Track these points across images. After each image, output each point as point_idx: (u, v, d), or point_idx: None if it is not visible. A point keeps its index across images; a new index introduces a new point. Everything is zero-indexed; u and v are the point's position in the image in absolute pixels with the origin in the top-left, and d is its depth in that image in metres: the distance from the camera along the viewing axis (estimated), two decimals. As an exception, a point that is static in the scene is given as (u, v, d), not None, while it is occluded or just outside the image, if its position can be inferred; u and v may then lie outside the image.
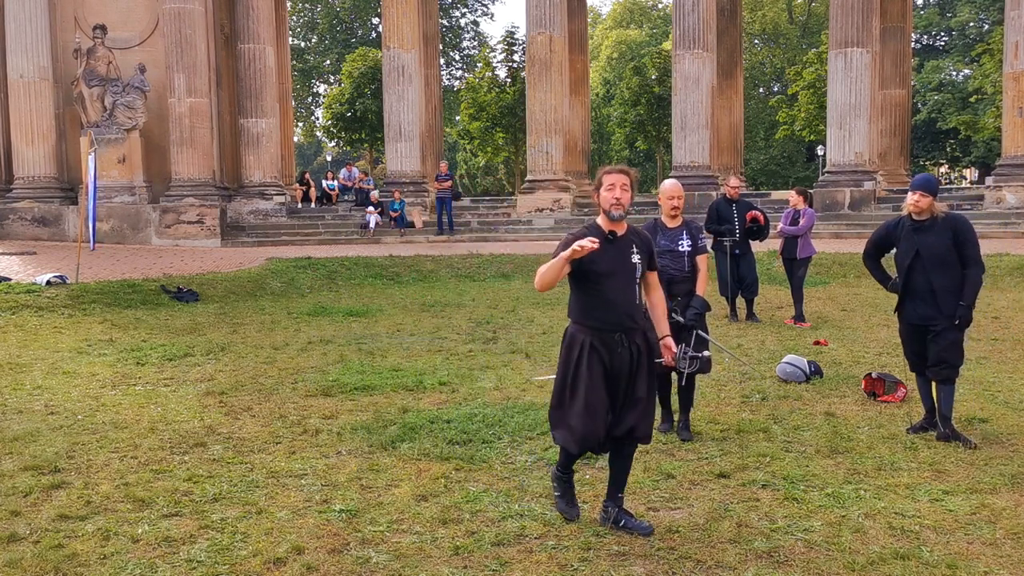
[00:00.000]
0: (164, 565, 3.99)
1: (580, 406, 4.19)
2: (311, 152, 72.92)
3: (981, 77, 35.93)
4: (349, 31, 53.74)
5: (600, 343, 4.19)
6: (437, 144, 29.93)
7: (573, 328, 4.29)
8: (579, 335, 4.24)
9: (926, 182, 5.77)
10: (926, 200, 5.65)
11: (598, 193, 4.25)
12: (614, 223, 4.23)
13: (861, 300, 13.03)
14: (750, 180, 42.92)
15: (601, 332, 4.19)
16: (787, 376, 7.55)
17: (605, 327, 4.19)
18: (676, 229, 6.13)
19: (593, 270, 4.14)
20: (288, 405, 6.93)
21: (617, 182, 4.19)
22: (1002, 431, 5.97)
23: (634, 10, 62.66)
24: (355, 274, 16.66)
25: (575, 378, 4.21)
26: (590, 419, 4.18)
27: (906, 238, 5.78)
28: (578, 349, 4.21)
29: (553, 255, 4.13)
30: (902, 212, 5.90)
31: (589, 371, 4.18)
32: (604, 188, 4.21)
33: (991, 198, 21.40)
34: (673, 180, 6.37)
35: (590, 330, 4.21)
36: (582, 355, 4.19)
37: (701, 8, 23.08)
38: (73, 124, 22.13)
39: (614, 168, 4.29)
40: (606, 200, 4.19)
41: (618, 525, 4.31)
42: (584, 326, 4.24)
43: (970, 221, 5.87)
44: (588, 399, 4.17)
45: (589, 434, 4.20)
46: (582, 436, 4.21)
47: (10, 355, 9.15)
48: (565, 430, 4.27)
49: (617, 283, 4.18)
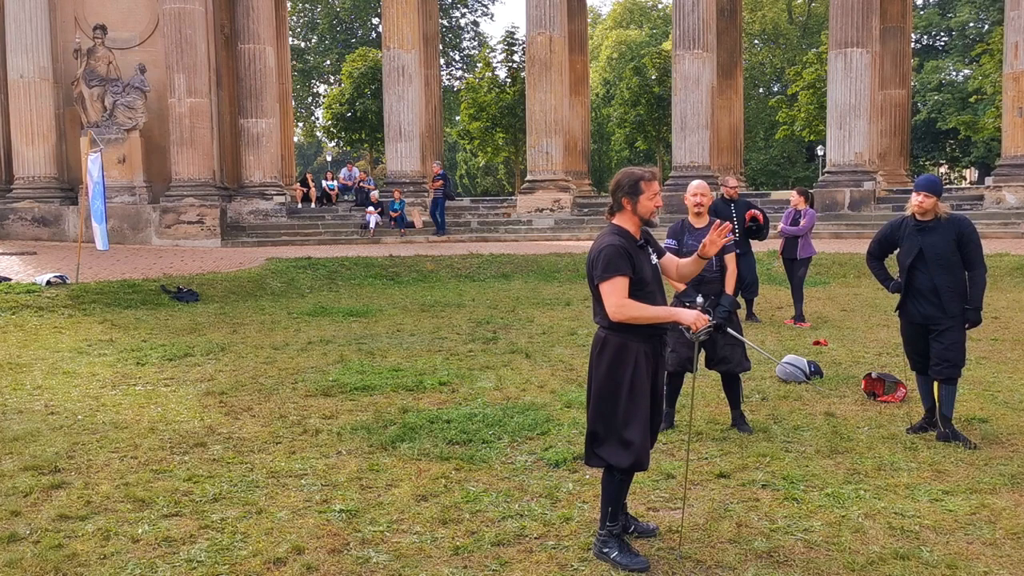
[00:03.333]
0: (164, 565, 3.99)
1: (640, 420, 3.99)
2: (311, 152, 72.93)
3: (981, 77, 35.92)
4: (349, 31, 53.75)
5: (651, 351, 4.06)
6: (437, 144, 29.94)
7: (620, 338, 4.00)
8: (632, 345, 4.00)
9: (930, 183, 5.77)
10: (930, 201, 5.66)
11: (632, 199, 4.04)
12: (638, 228, 4.13)
13: (861, 300, 13.03)
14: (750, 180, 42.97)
15: (651, 339, 4.06)
16: (787, 376, 7.55)
17: (656, 333, 4.07)
18: (703, 229, 6.11)
19: (640, 281, 4.01)
20: (288, 405, 6.93)
21: (656, 190, 4.08)
22: (1002, 431, 5.97)
23: (634, 10, 62.66)
24: (355, 274, 16.66)
25: (632, 391, 3.98)
26: (646, 432, 4.02)
27: (909, 238, 5.79)
28: (632, 362, 3.99)
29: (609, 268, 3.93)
30: (905, 212, 5.91)
31: (644, 384, 4.01)
32: (646, 196, 4.04)
33: (991, 198, 21.40)
34: (698, 179, 6.36)
35: (642, 339, 4.01)
36: (638, 368, 3.99)
37: (701, 8, 23.09)
38: (73, 124, 22.13)
39: (652, 175, 4.11)
40: (648, 208, 4.05)
41: (625, 531, 4.27)
42: (636, 335, 4.00)
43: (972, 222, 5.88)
44: (644, 413, 4.01)
45: (645, 449, 4.01)
46: (640, 450, 3.98)
47: (10, 355, 9.15)
48: (618, 446, 3.99)
49: (655, 289, 4.08)
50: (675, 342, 6.04)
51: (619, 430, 3.99)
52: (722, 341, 6.00)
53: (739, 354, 6.07)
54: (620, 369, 3.99)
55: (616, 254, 3.95)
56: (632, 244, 4.04)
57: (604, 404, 4.03)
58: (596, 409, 4.06)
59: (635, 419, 3.98)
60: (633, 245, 4.04)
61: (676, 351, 6.02)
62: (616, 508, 4.08)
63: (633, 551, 4.02)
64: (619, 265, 3.93)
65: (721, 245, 4.14)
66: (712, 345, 6.04)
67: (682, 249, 6.06)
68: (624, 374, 3.98)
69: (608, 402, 4.02)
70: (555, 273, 16.51)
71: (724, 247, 6.10)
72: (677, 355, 6.01)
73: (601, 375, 4.04)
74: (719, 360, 6.07)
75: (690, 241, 6.08)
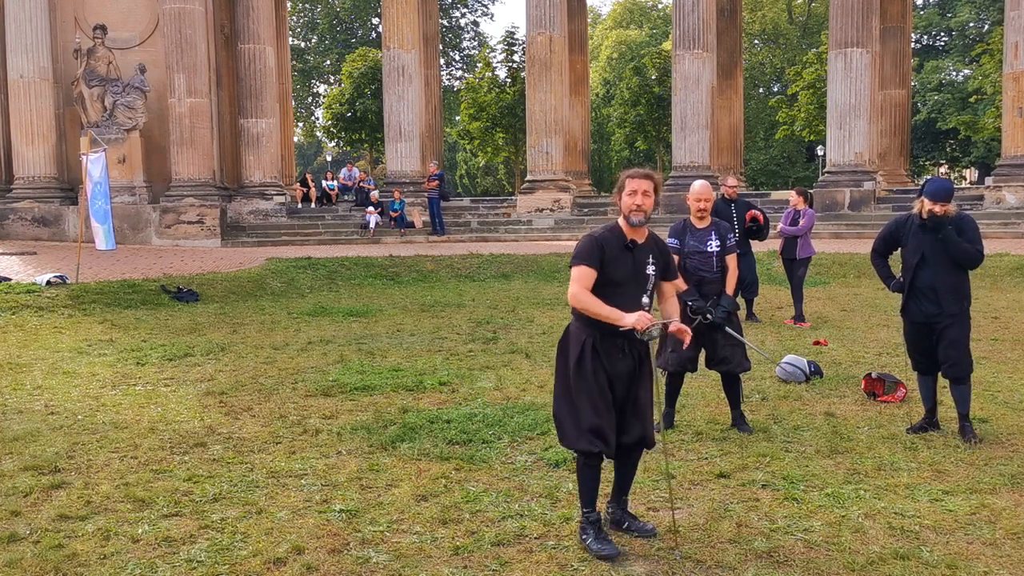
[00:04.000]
0: (164, 565, 3.99)
1: (591, 401, 4.02)
2: (311, 152, 72.91)
3: (981, 77, 35.91)
4: (349, 31, 53.74)
5: (602, 346, 4.05)
6: (437, 144, 29.95)
7: (576, 326, 4.12)
8: (581, 334, 4.08)
9: (947, 191, 5.68)
10: (947, 207, 5.63)
11: (620, 196, 4.09)
12: (634, 230, 4.09)
13: (861, 300, 13.03)
14: (750, 180, 42.95)
15: (604, 336, 4.05)
16: (787, 376, 7.55)
17: (608, 332, 4.04)
18: (705, 230, 6.12)
19: (606, 278, 4.02)
20: (288, 405, 6.93)
21: (639, 187, 4.03)
22: (1002, 431, 5.97)
23: (634, 10, 62.64)
24: (355, 274, 16.66)
25: (579, 374, 4.05)
26: (602, 413, 4.03)
27: (913, 237, 5.79)
28: (579, 348, 4.06)
29: (578, 255, 4.02)
30: (912, 211, 5.89)
31: (594, 371, 4.04)
32: (626, 192, 4.05)
33: (991, 198, 21.40)
34: (702, 181, 6.32)
35: (593, 332, 4.06)
36: (584, 354, 4.05)
37: (701, 8, 23.09)
38: (73, 124, 22.13)
39: (639, 172, 4.11)
40: (627, 205, 4.04)
41: (621, 527, 4.29)
42: (588, 327, 4.06)
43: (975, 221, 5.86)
44: (599, 395, 4.03)
45: (600, 429, 4.01)
46: (597, 428, 4.01)
47: (10, 355, 9.15)
48: (576, 428, 4.06)
49: (628, 292, 4.04)
50: (675, 342, 6.04)
51: (576, 414, 4.07)
52: (722, 341, 6.01)
53: (739, 354, 6.07)
54: (567, 355, 4.13)
55: (588, 245, 4.05)
56: (616, 241, 4.06)
57: (560, 387, 4.18)
58: (555, 392, 4.22)
59: (587, 405, 4.04)
60: (618, 243, 4.06)
61: (676, 351, 6.02)
62: (588, 494, 4.14)
63: (607, 539, 4.10)
64: (585, 256, 4.02)
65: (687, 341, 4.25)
66: (712, 345, 6.04)
67: (684, 249, 6.07)
68: (570, 360, 4.10)
69: (562, 385, 4.16)
70: (555, 273, 16.51)
71: (725, 247, 6.12)
72: (677, 355, 6.02)
73: (558, 359, 4.22)
74: (719, 360, 6.07)
75: (691, 242, 6.08)
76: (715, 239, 6.08)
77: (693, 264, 6.05)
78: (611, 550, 4.02)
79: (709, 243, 6.07)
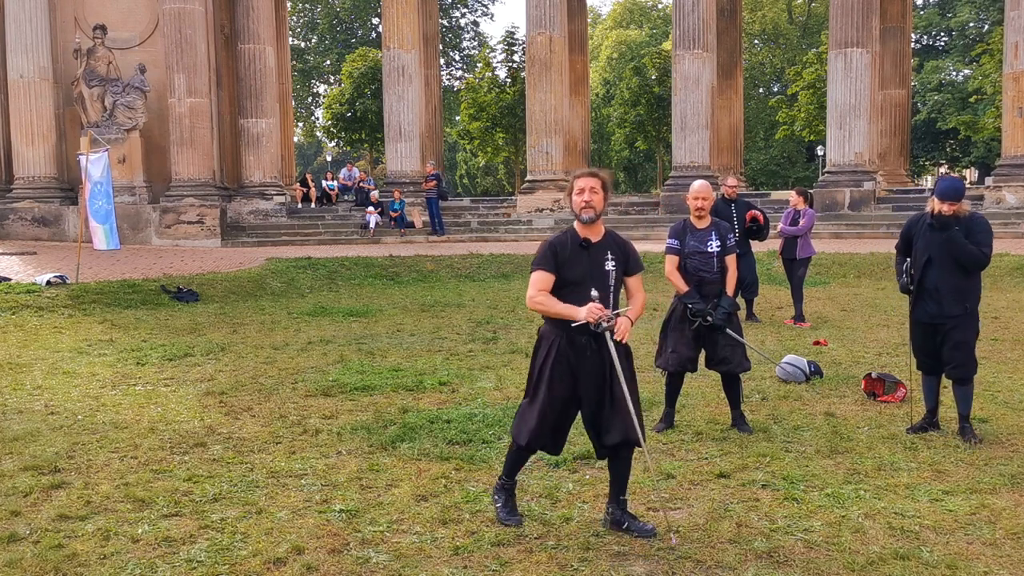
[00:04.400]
0: (164, 565, 3.99)
1: (541, 403, 4.23)
2: (311, 152, 72.91)
3: (981, 77, 35.91)
4: (349, 31, 53.74)
5: (569, 344, 4.19)
6: (437, 144, 29.95)
7: (546, 328, 4.29)
8: (550, 335, 4.25)
9: (955, 191, 5.63)
10: (955, 207, 5.59)
11: (570, 197, 4.25)
12: (588, 228, 4.22)
13: (861, 300, 13.03)
14: (750, 180, 42.91)
15: (571, 334, 4.17)
16: (787, 376, 7.55)
17: (574, 330, 4.15)
18: (705, 230, 6.10)
19: (565, 279, 4.16)
20: (288, 405, 6.93)
21: (587, 185, 4.19)
22: (1002, 431, 5.97)
23: (634, 10, 62.63)
24: (355, 274, 16.66)
25: (540, 378, 4.24)
26: (546, 417, 4.24)
27: (923, 236, 5.78)
28: (546, 349, 4.25)
29: (536, 260, 4.21)
30: (925, 209, 5.86)
31: (560, 377, 4.20)
32: (574, 192, 4.22)
33: (991, 198, 21.40)
34: (702, 181, 6.30)
35: (561, 331, 4.20)
36: (549, 354, 4.22)
37: (701, 8, 23.09)
38: (73, 124, 22.13)
39: (584, 171, 4.30)
40: (577, 204, 4.20)
41: (620, 527, 4.30)
42: (557, 325, 4.21)
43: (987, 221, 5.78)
44: (550, 397, 4.21)
45: (540, 432, 4.26)
46: (532, 436, 4.26)
47: (10, 355, 9.15)
48: (519, 423, 4.34)
49: (588, 290, 4.13)
50: (675, 342, 6.04)
51: (525, 414, 4.31)
52: (722, 342, 6.01)
53: (739, 354, 6.07)
54: (538, 354, 4.30)
55: (543, 250, 4.22)
56: (571, 242, 4.21)
57: (528, 387, 4.37)
58: (526, 388, 4.42)
59: (538, 404, 4.24)
60: (572, 243, 4.21)
61: (677, 351, 6.02)
62: (511, 468, 4.48)
63: (515, 510, 4.45)
64: (539, 260, 4.20)
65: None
66: (712, 345, 6.04)
67: (684, 249, 6.06)
68: (538, 358, 4.28)
69: (529, 382, 4.36)
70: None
71: (725, 248, 6.11)
72: (678, 355, 6.01)
73: (532, 360, 4.39)
74: (719, 360, 6.06)
75: (692, 242, 6.06)
76: (715, 239, 6.06)
77: (693, 264, 6.03)
78: (515, 521, 4.37)
79: (709, 243, 6.05)
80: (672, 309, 6.15)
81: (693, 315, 5.92)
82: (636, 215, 24.91)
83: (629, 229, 23.35)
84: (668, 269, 6.10)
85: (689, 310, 5.93)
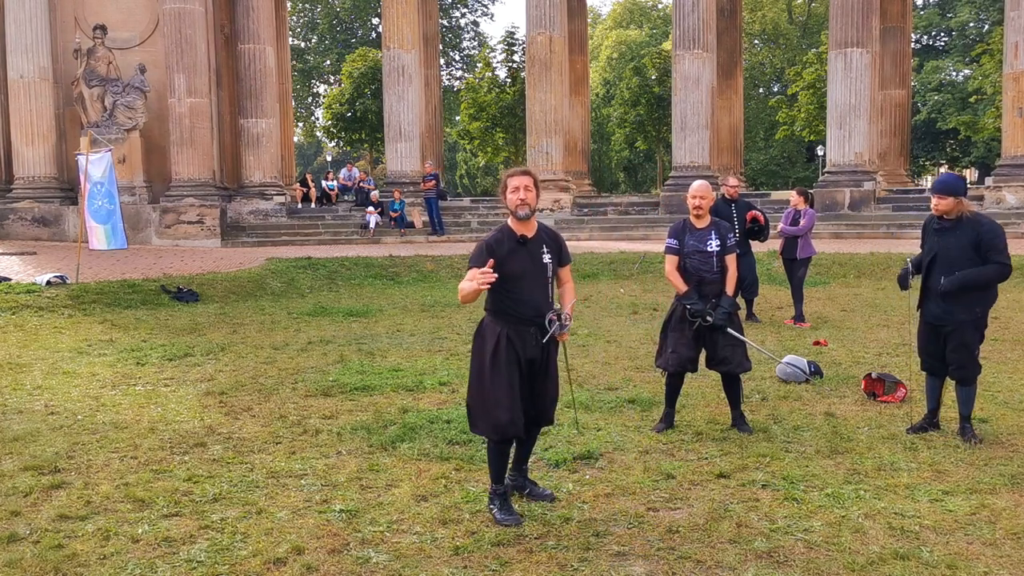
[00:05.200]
0: (164, 565, 3.99)
1: (502, 394, 4.34)
2: (311, 152, 72.92)
3: (981, 77, 35.92)
4: (349, 31, 53.75)
5: (515, 335, 4.39)
6: (437, 144, 29.96)
7: (488, 319, 4.48)
8: (494, 326, 4.42)
9: (945, 184, 5.63)
10: (946, 202, 5.56)
11: (504, 195, 4.45)
12: (523, 225, 4.44)
13: (861, 300, 13.03)
14: (750, 180, 42.95)
15: (516, 326, 4.40)
16: (787, 376, 7.54)
17: (519, 322, 4.40)
18: (704, 229, 6.08)
19: (506, 274, 4.31)
20: (288, 405, 6.93)
21: (520, 183, 4.40)
22: (1002, 431, 5.97)
23: (634, 10, 62.65)
24: (355, 274, 16.66)
25: (494, 367, 4.36)
26: (512, 406, 4.36)
27: (928, 237, 5.77)
28: (493, 340, 4.39)
29: (470, 260, 4.37)
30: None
31: (507, 361, 4.37)
32: (509, 191, 4.42)
33: (991, 198, 21.41)
34: (701, 181, 6.29)
35: (505, 323, 4.40)
36: (499, 346, 4.37)
37: (701, 8, 23.10)
38: (73, 124, 22.13)
39: (517, 170, 4.50)
40: (512, 201, 4.40)
41: (523, 493, 4.72)
42: (499, 319, 4.42)
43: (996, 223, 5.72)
44: (510, 387, 4.36)
45: (511, 421, 4.36)
46: (508, 422, 4.35)
47: (10, 355, 9.15)
48: (486, 418, 4.41)
49: (528, 283, 4.40)
50: (676, 343, 6.04)
51: (488, 407, 4.40)
52: (722, 342, 6.00)
53: (739, 355, 6.06)
54: (482, 347, 4.44)
55: (478, 249, 4.39)
56: (508, 239, 4.41)
57: (474, 379, 4.50)
58: (470, 381, 4.55)
59: (501, 397, 4.35)
60: (510, 241, 4.41)
61: (677, 351, 6.01)
62: (497, 472, 4.52)
63: (512, 510, 4.48)
64: (474, 259, 4.35)
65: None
66: (712, 345, 6.03)
67: (683, 249, 6.04)
68: (486, 353, 4.41)
69: (476, 377, 4.48)
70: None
71: (725, 247, 6.09)
72: (678, 355, 6.01)
73: (473, 351, 4.53)
74: (719, 360, 6.06)
75: (691, 241, 6.04)
76: (715, 239, 6.05)
77: (693, 264, 6.01)
78: (514, 520, 4.40)
79: (709, 243, 6.04)
80: (672, 309, 6.14)
81: (692, 316, 5.92)
82: (636, 215, 24.91)
83: (629, 229, 23.38)
84: (668, 269, 6.09)
85: (688, 311, 5.93)
